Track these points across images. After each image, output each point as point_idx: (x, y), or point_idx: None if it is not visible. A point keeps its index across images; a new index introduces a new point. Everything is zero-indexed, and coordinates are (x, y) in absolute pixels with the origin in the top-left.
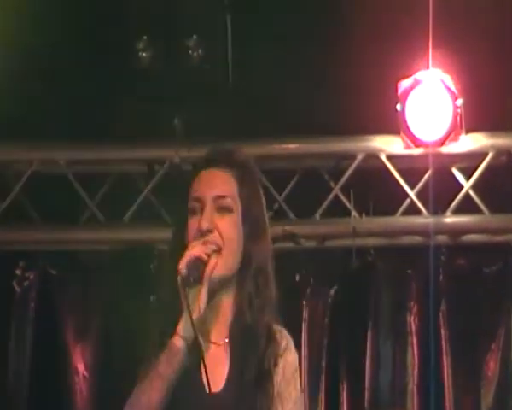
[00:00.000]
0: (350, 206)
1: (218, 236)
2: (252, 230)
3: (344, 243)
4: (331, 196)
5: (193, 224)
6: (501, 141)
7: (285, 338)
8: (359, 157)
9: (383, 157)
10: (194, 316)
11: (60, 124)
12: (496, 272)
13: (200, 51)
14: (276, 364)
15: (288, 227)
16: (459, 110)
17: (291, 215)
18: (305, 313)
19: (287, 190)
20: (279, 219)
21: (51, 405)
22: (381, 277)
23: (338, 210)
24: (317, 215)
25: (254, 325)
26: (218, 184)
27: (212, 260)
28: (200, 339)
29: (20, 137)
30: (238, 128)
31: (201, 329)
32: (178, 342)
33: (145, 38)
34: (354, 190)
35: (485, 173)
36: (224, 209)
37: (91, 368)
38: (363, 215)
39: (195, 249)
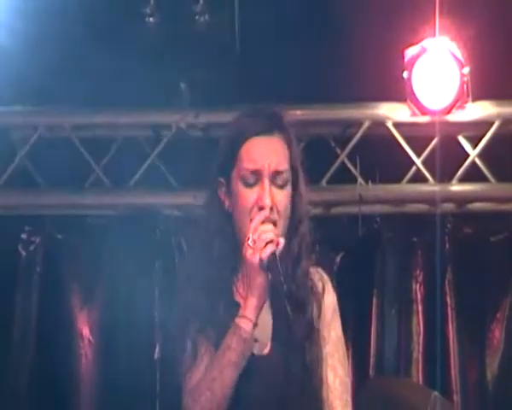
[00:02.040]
0: (356, 173)
1: (275, 212)
2: (299, 199)
3: (350, 210)
4: (337, 163)
5: (249, 196)
6: (508, 109)
7: (322, 280)
8: (365, 124)
9: (389, 125)
10: (264, 302)
11: (65, 89)
12: (502, 240)
13: (206, 16)
14: (318, 310)
15: None
16: (466, 78)
17: None
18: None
19: None
20: None
21: (56, 369)
22: (386, 244)
23: (344, 177)
24: (324, 182)
25: (298, 290)
26: (275, 157)
27: (281, 244)
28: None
29: (25, 102)
30: (244, 94)
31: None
32: (248, 326)
33: (152, 2)
34: (360, 158)
35: (491, 142)
36: (280, 185)
37: (96, 332)
38: (370, 183)
39: (271, 235)
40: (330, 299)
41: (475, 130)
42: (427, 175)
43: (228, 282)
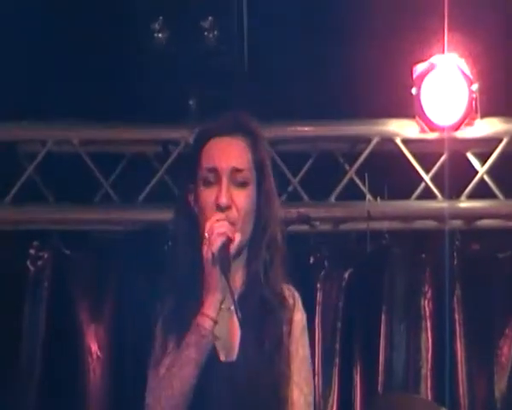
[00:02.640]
0: (365, 189)
1: (235, 211)
2: (265, 200)
3: (358, 226)
4: (346, 180)
5: (208, 196)
6: None
7: (292, 296)
8: (374, 141)
9: (398, 141)
10: (221, 297)
11: (74, 104)
12: (510, 257)
13: (215, 32)
14: (289, 326)
15: (302, 210)
16: (474, 95)
17: (306, 198)
18: (319, 296)
19: (302, 173)
20: (294, 201)
21: (65, 384)
22: (395, 261)
23: (353, 193)
24: (332, 198)
25: (270, 294)
26: (234, 155)
27: (237, 239)
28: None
29: (34, 117)
30: (253, 110)
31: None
32: (207, 323)
33: (160, 18)
34: (369, 174)
35: (499, 158)
36: (240, 184)
37: (105, 348)
38: (378, 199)
39: (221, 227)
40: (299, 316)
41: (484, 147)
42: (436, 192)
43: (195, 284)
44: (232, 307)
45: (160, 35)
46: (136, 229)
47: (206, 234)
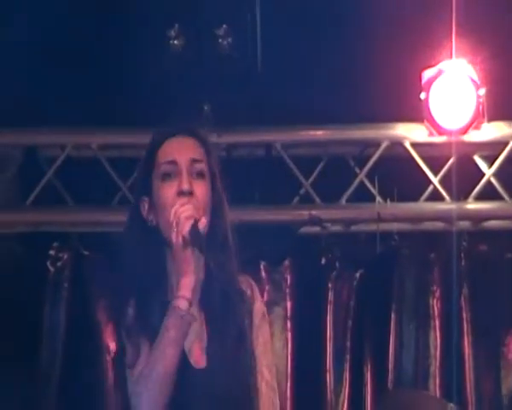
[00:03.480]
0: (374, 191)
1: (196, 199)
2: (218, 198)
3: (369, 227)
4: (356, 182)
5: (168, 189)
6: None
7: (250, 287)
8: (384, 144)
9: (407, 144)
10: (196, 277)
11: (93, 110)
12: None
13: (229, 39)
14: (249, 316)
15: (314, 212)
16: (481, 99)
17: (317, 200)
18: (331, 296)
19: (313, 176)
20: (306, 203)
21: (84, 381)
22: (404, 261)
23: (363, 196)
24: (343, 200)
25: (229, 291)
26: (190, 148)
27: (202, 221)
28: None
29: (53, 123)
30: (266, 115)
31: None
32: (183, 304)
33: (176, 25)
34: (379, 177)
35: (506, 161)
36: (199, 175)
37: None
38: (388, 201)
39: (190, 213)
40: (258, 305)
41: (491, 149)
42: (444, 194)
43: (154, 287)
44: (197, 311)
45: (175, 42)
46: None
47: (173, 220)
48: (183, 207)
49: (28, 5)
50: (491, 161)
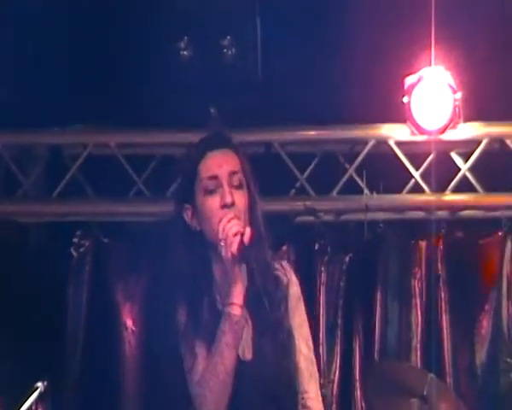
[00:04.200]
0: (362, 185)
1: (237, 210)
2: (253, 202)
3: (357, 217)
4: (346, 177)
5: (212, 202)
6: (494, 130)
7: (284, 272)
8: (371, 143)
9: (391, 143)
10: (245, 285)
11: (112, 112)
12: (489, 242)
13: (233, 50)
14: (286, 301)
15: (308, 203)
16: (457, 102)
17: (311, 193)
18: (323, 277)
19: (308, 171)
20: (301, 195)
21: (104, 355)
22: (389, 246)
23: (352, 189)
24: (334, 193)
25: (266, 286)
26: (229, 161)
27: (247, 234)
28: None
29: (77, 124)
30: (266, 117)
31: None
32: (237, 310)
33: (185, 38)
34: (366, 172)
35: (480, 157)
36: (238, 186)
37: (138, 323)
38: (374, 193)
39: (236, 228)
40: (294, 289)
41: (466, 147)
42: (424, 186)
43: (207, 295)
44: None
45: (185, 52)
46: (165, 220)
47: (222, 237)
48: (229, 223)
49: (51, 12)
50: (466, 157)
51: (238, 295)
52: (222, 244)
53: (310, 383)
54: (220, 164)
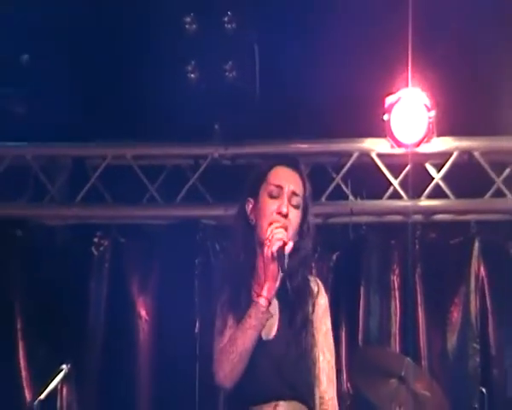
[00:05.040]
0: (348, 192)
1: (289, 222)
2: (305, 225)
3: (343, 220)
4: (333, 185)
5: (272, 205)
6: (463, 143)
7: (317, 285)
8: (355, 155)
9: (373, 155)
10: (277, 284)
11: (128, 128)
12: (459, 243)
13: (234, 73)
14: (313, 307)
15: None
16: (431, 120)
17: None
18: (314, 273)
19: None
20: None
21: (121, 340)
22: (371, 246)
23: (339, 195)
24: (323, 199)
25: (300, 287)
26: (294, 182)
27: (290, 244)
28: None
29: (97, 138)
30: (263, 132)
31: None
32: (265, 302)
33: (192, 62)
34: (351, 180)
35: (451, 168)
36: (295, 206)
37: (151, 313)
38: (358, 199)
39: (280, 234)
40: (323, 300)
41: (439, 159)
42: (402, 193)
43: (248, 279)
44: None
45: (192, 75)
46: (175, 223)
47: (268, 236)
48: (277, 229)
49: (78, 38)
50: (439, 167)
51: (269, 291)
52: (266, 243)
53: (329, 385)
54: (287, 179)
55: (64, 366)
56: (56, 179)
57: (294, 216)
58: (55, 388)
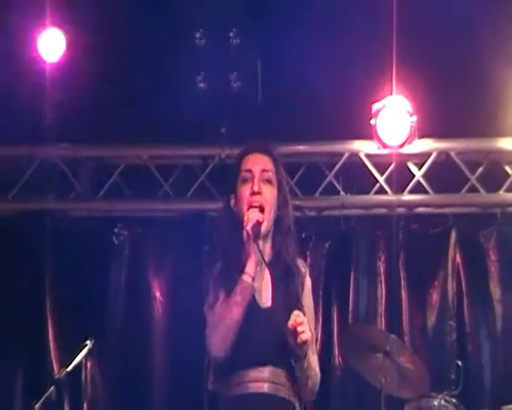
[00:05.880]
0: (339, 188)
1: (263, 198)
2: (283, 199)
3: (335, 213)
4: (326, 181)
5: (245, 189)
6: (441, 145)
7: (304, 267)
8: (346, 155)
9: (362, 155)
10: (257, 259)
11: (144, 130)
12: (437, 233)
13: (238, 83)
14: (302, 286)
15: (297, 202)
16: (413, 124)
17: (299, 194)
18: (308, 260)
19: (296, 176)
20: (291, 196)
21: (139, 319)
22: (359, 235)
23: (331, 191)
24: (317, 194)
25: (290, 262)
26: (262, 162)
27: (264, 223)
28: (265, 264)
29: (117, 140)
30: (264, 135)
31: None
32: (248, 279)
33: (202, 73)
34: (342, 177)
35: (430, 166)
36: (267, 181)
37: (164, 295)
38: (348, 194)
39: (254, 215)
40: (308, 281)
41: (420, 158)
42: (387, 189)
43: (235, 256)
44: (263, 265)
45: (201, 85)
46: (186, 215)
47: (245, 220)
48: (252, 209)
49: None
50: (420, 166)
51: (251, 266)
52: (244, 225)
53: (314, 355)
54: (255, 162)
55: (88, 342)
56: (81, 177)
57: (268, 191)
58: (80, 361)
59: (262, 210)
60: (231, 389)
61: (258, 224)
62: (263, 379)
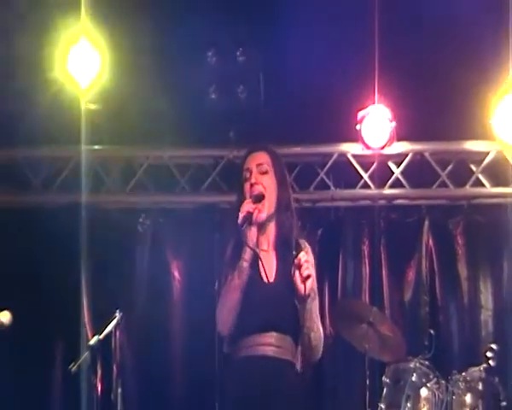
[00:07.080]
0: (330, 183)
1: (261, 187)
2: (282, 188)
3: (326, 204)
4: (319, 178)
5: (247, 185)
6: (417, 147)
7: (306, 246)
8: (335, 155)
9: (349, 155)
10: (251, 245)
11: (164, 134)
12: (413, 221)
13: (245, 94)
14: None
15: (294, 195)
16: (392, 129)
17: (296, 188)
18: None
19: (293, 174)
20: None
21: (160, 295)
22: (347, 224)
23: (323, 186)
24: (311, 189)
25: (292, 239)
26: (258, 158)
27: (256, 212)
28: (257, 250)
29: (141, 142)
30: (266, 138)
31: (258, 246)
32: (245, 264)
33: (214, 85)
34: (332, 174)
35: (407, 165)
36: (264, 172)
37: (182, 275)
38: (338, 189)
39: (246, 207)
40: (311, 256)
41: (398, 158)
42: (371, 184)
43: (240, 246)
44: (266, 247)
45: (213, 96)
46: (199, 207)
47: (240, 211)
48: (245, 202)
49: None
50: (398, 164)
51: (245, 253)
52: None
53: (317, 321)
54: (252, 160)
55: (117, 314)
56: (111, 174)
57: (267, 179)
58: (110, 330)
59: (263, 197)
60: (241, 351)
61: (249, 214)
62: (269, 344)
